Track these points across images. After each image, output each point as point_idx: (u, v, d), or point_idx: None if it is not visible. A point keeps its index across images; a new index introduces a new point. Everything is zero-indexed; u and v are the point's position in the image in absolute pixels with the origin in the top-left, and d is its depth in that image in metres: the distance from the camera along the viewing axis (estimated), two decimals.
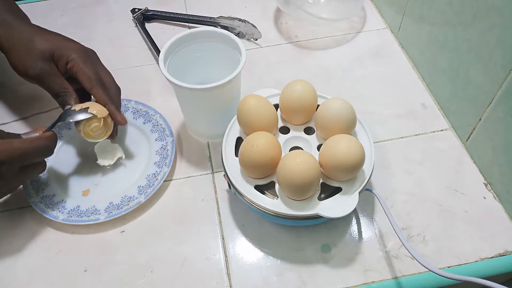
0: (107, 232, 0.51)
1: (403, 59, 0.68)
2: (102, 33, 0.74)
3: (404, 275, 0.46)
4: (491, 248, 0.48)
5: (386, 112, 0.61)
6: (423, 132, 0.58)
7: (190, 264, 0.48)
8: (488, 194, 0.52)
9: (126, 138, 0.58)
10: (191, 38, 0.54)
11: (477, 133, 0.53)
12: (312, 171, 0.43)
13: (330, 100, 0.49)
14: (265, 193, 0.46)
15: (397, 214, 0.50)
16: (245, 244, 0.49)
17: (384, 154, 0.56)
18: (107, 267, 0.48)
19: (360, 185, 0.46)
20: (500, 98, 0.48)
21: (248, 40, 0.72)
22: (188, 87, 0.48)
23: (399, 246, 0.48)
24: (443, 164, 0.55)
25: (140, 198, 0.51)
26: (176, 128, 0.60)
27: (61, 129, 0.59)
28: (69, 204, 0.52)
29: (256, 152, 0.44)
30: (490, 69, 0.49)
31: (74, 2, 0.80)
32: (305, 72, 0.67)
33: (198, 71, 0.57)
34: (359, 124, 0.50)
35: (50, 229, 0.51)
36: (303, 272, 0.47)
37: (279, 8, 0.75)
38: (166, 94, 0.64)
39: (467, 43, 0.52)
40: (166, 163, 0.54)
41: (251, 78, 0.65)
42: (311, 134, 0.51)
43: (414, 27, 0.64)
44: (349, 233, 0.50)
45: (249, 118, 0.48)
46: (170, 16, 0.75)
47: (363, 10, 0.76)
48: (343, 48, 0.70)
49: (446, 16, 0.56)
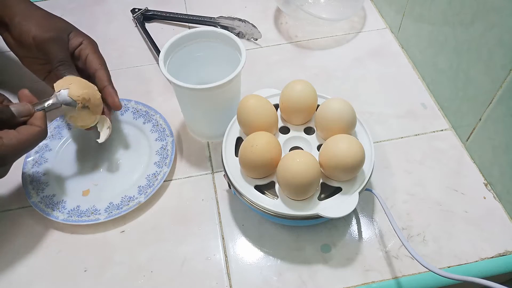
0: (107, 232, 0.51)
1: (403, 59, 0.68)
2: (102, 33, 0.74)
3: (404, 275, 0.46)
4: (491, 248, 0.48)
5: (386, 112, 0.61)
6: (423, 132, 0.58)
7: (190, 264, 0.48)
8: (488, 194, 0.52)
9: (126, 138, 0.58)
10: (191, 38, 0.54)
11: (477, 133, 0.53)
12: (312, 171, 0.43)
13: (330, 100, 0.49)
14: (265, 193, 0.46)
15: (397, 214, 0.50)
16: (245, 244, 0.49)
17: (384, 154, 0.56)
18: (107, 267, 0.48)
19: (360, 185, 0.46)
20: (500, 98, 0.48)
21: (248, 40, 0.72)
22: (188, 87, 0.48)
23: (399, 246, 0.48)
24: (443, 164, 0.55)
25: (140, 198, 0.51)
26: (176, 128, 0.60)
27: (61, 129, 0.59)
28: (69, 204, 0.52)
29: (256, 152, 0.44)
30: (490, 69, 0.49)
31: (74, 2, 0.80)
32: (305, 72, 0.67)
33: (198, 71, 0.57)
34: (359, 124, 0.50)
35: (50, 229, 0.51)
36: (303, 272, 0.47)
37: (279, 8, 0.75)
38: (166, 94, 0.64)
39: (467, 43, 0.52)
40: (166, 163, 0.54)
41: (251, 78, 0.65)
42: (311, 134, 0.51)
43: (414, 27, 0.64)
44: (349, 233, 0.50)
45: (249, 118, 0.48)
46: (170, 16, 0.75)
47: (363, 10, 0.76)
48: (343, 48, 0.70)
49: (446, 16, 0.56)
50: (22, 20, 0.53)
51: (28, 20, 0.53)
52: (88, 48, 0.53)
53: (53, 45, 0.52)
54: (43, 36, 0.52)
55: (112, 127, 0.56)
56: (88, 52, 0.53)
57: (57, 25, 0.54)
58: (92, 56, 0.53)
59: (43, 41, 0.52)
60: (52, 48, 0.52)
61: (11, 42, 0.55)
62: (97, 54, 0.54)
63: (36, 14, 0.54)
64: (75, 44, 0.54)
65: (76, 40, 0.54)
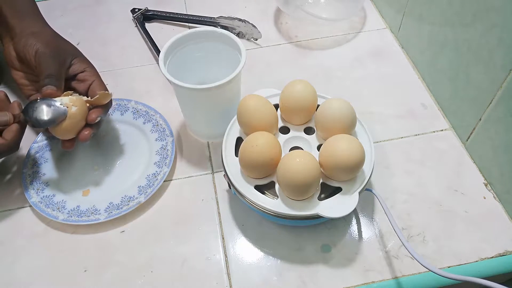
0: (107, 232, 0.51)
1: (403, 59, 0.68)
2: (102, 33, 0.74)
3: (404, 275, 0.46)
4: (491, 248, 0.48)
5: (386, 112, 0.61)
6: (423, 132, 0.58)
7: (190, 264, 0.48)
8: (488, 194, 0.52)
9: (126, 138, 0.58)
10: (191, 38, 0.54)
11: (477, 133, 0.53)
12: (312, 171, 0.43)
13: (330, 100, 0.49)
14: (265, 193, 0.46)
15: (397, 214, 0.50)
16: (245, 244, 0.49)
17: (384, 154, 0.56)
18: (107, 267, 0.48)
19: (360, 185, 0.46)
20: (500, 98, 0.48)
21: (248, 40, 0.72)
22: (188, 87, 0.48)
23: (399, 246, 0.48)
24: (443, 164, 0.55)
25: (140, 198, 0.51)
26: (176, 128, 0.60)
27: None
28: (69, 204, 0.52)
29: (256, 152, 0.44)
30: (490, 69, 0.49)
31: (74, 2, 0.80)
32: (305, 72, 0.67)
33: (198, 71, 0.57)
34: (359, 124, 0.50)
35: (50, 229, 0.51)
36: (303, 272, 0.47)
37: (279, 8, 0.75)
38: (166, 94, 0.64)
39: (467, 43, 0.52)
40: (166, 163, 0.54)
41: (251, 78, 0.65)
42: (311, 134, 0.51)
43: (414, 27, 0.64)
44: (349, 233, 0.50)
45: (249, 118, 0.48)
46: (170, 16, 0.75)
47: (363, 10, 0.76)
48: (343, 48, 0.70)
49: (446, 16, 0.56)
50: (31, 34, 0.54)
51: (37, 36, 0.54)
52: (95, 75, 0.54)
53: (50, 60, 0.52)
54: (45, 50, 0.52)
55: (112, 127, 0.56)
56: (94, 79, 0.54)
57: (64, 47, 0.55)
58: (97, 82, 0.54)
59: (43, 55, 0.52)
60: (47, 62, 0.52)
61: (12, 54, 0.55)
62: (102, 82, 0.55)
63: (46, 32, 0.56)
64: (79, 69, 0.54)
65: (80, 65, 0.54)
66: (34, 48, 0.52)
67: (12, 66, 0.56)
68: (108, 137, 0.58)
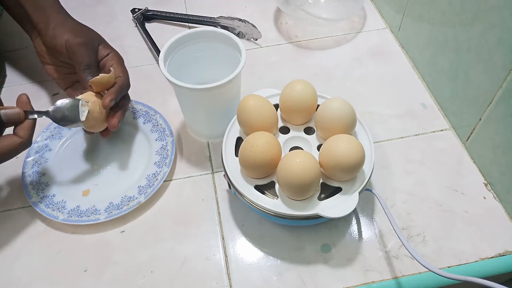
0: (107, 232, 0.51)
1: (403, 59, 0.68)
2: (102, 33, 0.73)
3: (404, 275, 0.46)
4: (491, 248, 0.48)
5: (386, 112, 0.61)
6: (423, 132, 0.58)
7: (190, 264, 0.48)
8: (488, 194, 0.52)
9: (126, 138, 0.58)
10: (191, 38, 0.54)
11: (477, 133, 0.53)
12: (312, 171, 0.43)
13: (330, 100, 0.49)
14: (265, 193, 0.46)
15: (397, 214, 0.50)
16: (245, 244, 0.49)
17: (384, 154, 0.56)
18: (107, 267, 0.48)
19: (360, 185, 0.46)
20: (500, 98, 0.48)
21: (248, 40, 0.72)
22: (188, 87, 0.48)
23: (399, 246, 0.48)
24: (443, 164, 0.55)
25: (140, 198, 0.51)
26: (176, 128, 0.60)
27: (61, 129, 0.59)
28: (69, 204, 0.52)
29: (256, 152, 0.44)
30: (490, 69, 0.49)
31: (74, 2, 0.80)
32: (305, 72, 0.67)
33: (198, 71, 0.57)
34: (359, 124, 0.50)
35: (50, 229, 0.51)
36: (303, 272, 0.47)
37: (279, 8, 0.75)
38: (166, 94, 0.64)
39: (467, 43, 0.52)
40: (166, 163, 0.54)
41: (251, 78, 0.65)
42: (311, 134, 0.51)
43: (414, 27, 0.64)
44: (349, 233, 0.50)
45: (249, 118, 0.48)
46: (170, 16, 0.75)
47: (363, 10, 0.76)
48: (343, 48, 0.70)
49: (446, 16, 0.56)
50: (57, 26, 0.54)
51: (62, 26, 0.54)
52: (114, 60, 0.54)
53: (83, 49, 0.53)
54: (75, 39, 0.53)
55: None
56: (113, 63, 0.54)
57: (89, 33, 0.56)
58: (116, 65, 0.54)
59: (75, 44, 0.53)
60: (81, 51, 0.52)
61: (42, 49, 0.57)
62: (122, 66, 0.55)
63: (70, 22, 0.56)
64: (103, 55, 0.55)
65: (104, 51, 0.55)
66: (64, 38, 0.53)
67: (44, 61, 0.57)
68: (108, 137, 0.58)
